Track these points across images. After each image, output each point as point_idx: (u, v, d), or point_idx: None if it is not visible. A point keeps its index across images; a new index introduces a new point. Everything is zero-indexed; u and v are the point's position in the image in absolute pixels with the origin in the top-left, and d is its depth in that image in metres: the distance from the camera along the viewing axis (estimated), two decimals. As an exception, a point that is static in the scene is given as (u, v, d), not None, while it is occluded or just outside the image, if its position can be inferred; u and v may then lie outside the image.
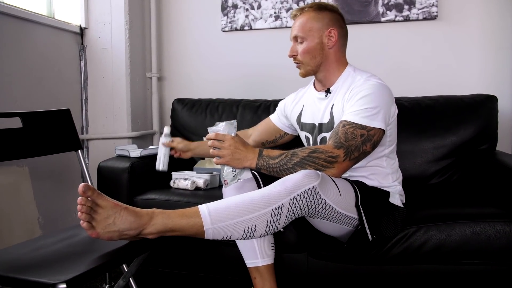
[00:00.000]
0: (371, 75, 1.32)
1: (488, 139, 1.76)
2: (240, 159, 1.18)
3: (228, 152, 1.18)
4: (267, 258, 1.30)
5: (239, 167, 1.19)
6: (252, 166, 1.19)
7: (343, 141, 1.16)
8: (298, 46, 1.36)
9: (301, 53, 1.34)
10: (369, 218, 1.20)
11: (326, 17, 1.34)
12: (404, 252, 1.29)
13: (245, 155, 1.18)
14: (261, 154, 1.19)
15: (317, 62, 1.35)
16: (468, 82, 2.02)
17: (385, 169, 1.33)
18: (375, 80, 1.27)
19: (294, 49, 1.37)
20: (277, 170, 1.17)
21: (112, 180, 1.63)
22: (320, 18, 1.34)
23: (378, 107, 1.20)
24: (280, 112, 1.60)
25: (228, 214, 1.04)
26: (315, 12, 1.34)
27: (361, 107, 1.20)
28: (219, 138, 1.19)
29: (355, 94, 1.24)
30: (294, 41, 1.38)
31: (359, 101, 1.22)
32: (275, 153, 1.19)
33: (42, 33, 1.91)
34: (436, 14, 2.00)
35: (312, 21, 1.33)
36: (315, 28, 1.33)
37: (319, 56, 1.34)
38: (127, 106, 2.18)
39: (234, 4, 2.25)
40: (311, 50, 1.33)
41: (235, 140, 1.19)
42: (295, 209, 1.08)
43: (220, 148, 1.18)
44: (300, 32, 1.34)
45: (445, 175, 1.76)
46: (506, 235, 1.24)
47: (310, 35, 1.33)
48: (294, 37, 1.36)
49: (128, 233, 0.98)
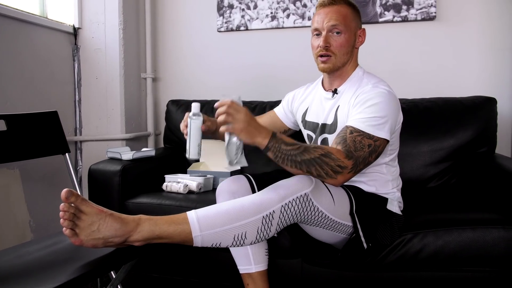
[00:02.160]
0: (380, 80, 1.28)
1: (487, 142, 1.73)
2: (253, 132, 1.06)
3: (244, 121, 1.05)
4: (260, 264, 1.27)
5: (249, 140, 1.07)
6: (264, 143, 1.07)
7: (353, 151, 1.11)
8: (332, 37, 1.25)
9: (338, 45, 1.25)
10: (365, 226, 1.17)
11: (358, 16, 1.31)
12: (400, 259, 1.26)
13: (258, 130, 1.08)
14: (275, 136, 1.09)
15: (347, 58, 1.29)
16: (467, 83, 1.98)
17: (385, 176, 1.29)
18: (384, 88, 1.22)
19: (328, 39, 1.25)
20: (284, 158, 1.07)
21: (103, 184, 1.59)
22: (356, 16, 1.30)
23: (386, 117, 1.16)
24: (287, 105, 1.53)
25: (218, 221, 1.01)
26: (352, 9, 1.29)
27: (369, 115, 1.16)
28: (234, 106, 1.06)
29: (363, 101, 1.19)
30: (328, 31, 1.25)
31: (368, 109, 1.17)
32: (289, 140, 1.10)
33: (35, 33, 1.87)
34: (434, 14, 1.97)
35: (352, 16, 1.28)
36: (353, 24, 1.28)
37: (350, 53, 1.29)
38: (121, 107, 2.15)
39: (230, 4, 2.21)
40: (348, 45, 1.27)
41: (249, 114, 1.08)
42: (287, 216, 1.04)
43: (235, 115, 1.05)
44: (341, 24, 1.24)
45: (444, 179, 1.72)
46: (505, 242, 1.21)
47: (349, 29, 1.26)
48: (333, 26, 1.24)
49: (113, 240, 0.95)
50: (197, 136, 1.19)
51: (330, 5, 1.26)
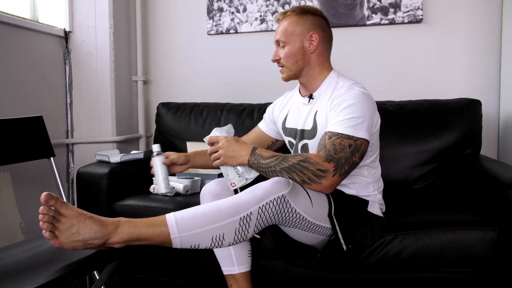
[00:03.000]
0: (355, 82, 1.30)
1: (472, 143, 1.74)
2: (234, 156, 1.20)
3: (222, 151, 1.21)
4: (243, 266, 1.29)
5: (234, 164, 1.21)
6: (245, 163, 1.20)
7: (333, 154, 1.13)
8: (280, 50, 1.35)
9: (284, 57, 1.33)
10: (344, 228, 1.19)
11: (308, 21, 1.32)
12: (381, 260, 1.28)
13: (238, 152, 1.20)
14: (254, 152, 1.20)
15: (299, 66, 1.33)
16: (453, 86, 2.00)
17: (366, 178, 1.31)
18: (358, 89, 1.25)
19: (277, 53, 1.36)
20: (265, 170, 1.17)
21: (91, 186, 1.61)
22: (302, 22, 1.32)
23: (363, 117, 1.18)
24: (268, 117, 1.57)
25: (196, 222, 1.03)
26: (297, 16, 1.33)
27: (345, 117, 1.18)
28: (213, 140, 1.25)
29: (338, 104, 1.22)
30: (276, 45, 1.36)
31: (344, 110, 1.19)
32: (268, 153, 1.19)
33: (26, 37, 1.89)
34: (421, 17, 1.99)
35: (294, 25, 1.32)
36: (297, 32, 1.31)
37: (301, 61, 1.32)
38: (112, 110, 2.17)
39: (220, 7, 2.23)
40: (293, 55, 1.32)
41: (228, 138, 1.23)
42: (264, 217, 1.06)
43: (217, 150, 1.23)
44: (282, 37, 1.32)
45: (429, 180, 1.74)
46: (482, 243, 1.23)
47: (291, 39, 1.31)
48: (277, 41, 1.35)
49: (93, 242, 0.97)
50: (163, 171, 1.36)
51: (279, 21, 1.36)
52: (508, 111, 1.83)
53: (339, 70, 1.39)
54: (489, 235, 1.24)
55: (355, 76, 2.09)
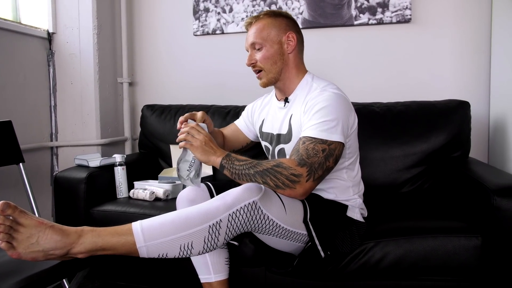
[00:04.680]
0: (328, 83, 1.26)
1: (461, 146, 1.70)
2: (208, 151, 1.17)
3: (201, 141, 1.17)
4: (220, 274, 1.25)
5: (203, 158, 1.16)
6: (217, 162, 1.16)
7: (306, 158, 1.10)
8: (256, 53, 1.31)
9: (261, 59, 1.29)
10: (321, 234, 1.15)
11: (283, 22, 1.30)
12: (361, 268, 1.23)
13: (214, 150, 1.17)
14: (229, 155, 1.17)
15: (278, 68, 1.29)
16: (442, 87, 1.96)
17: (345, 182, 1.27)
18: (331, 90, 1.21)
19: (252, 57, 1.32)
20: (238, 173, 1.13)
21: (68, 191, 1.57)
22: (277, 24, 1.29)
23: (336, 119, 1.15)
24: (247, 116, 1.54)
25: (163, 231, 0.99)
26: (271, 18, 1.30)
27: (318, 121, 1.15)
28: (198, 129, 1.20)
29: (311, 107, 1.19)
30: (251, 49, 1.32)
31: (316, 114, 1.16)
32: (242, 158, 1.16)
33: (8, 39, 1.86)
34: (410, 17, 1.94)
35: (270, 26, 1.29)
36: (273, 33, 1.28)
37: (279, 62, 1.29)
38: (96, 112, 2.13)
39: (206, 7, 2.19)
40: (272, 56, 1.29)
41: (210, 137, 1.20)
42: (235, 224, 1.02)
43: (195, 135, 1.18)
44: (258, 39, 1.29)
45: (417, 183, 1.70)
46: (466, 250, 1.18)
47: (268, 40, 1.28)
48: (252, 44, 1.31)
49: (54, 252, 0.93)
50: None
51: (250, 25, 1.32)
52: (498, 112, 1.79)
53: (326, 72, 1.36)
54: (473, 242, 1.19)
55: (343, 77, 2.08)
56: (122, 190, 1.66)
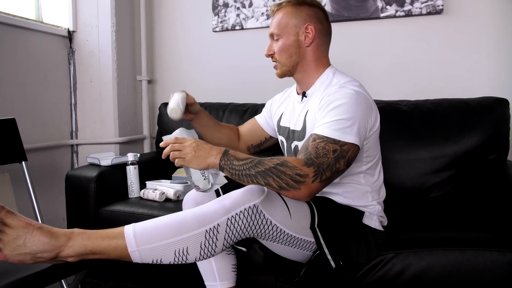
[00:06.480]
0: (350, 80, 1.16)
1: (498, 147, 1.54)
2: (203, 156, 1.05)
3: (190, 149, 1.05)
4: (226, 281, 1.18)
5: (202, 165, 1.05)
6: (216, 163, 1.04)
7: (314, 158, 1.00)
8: (274, 44, 1.23)
9: (277, 51, 1.22)
10: (331, 242, 1.04)
11: (304, 12, 1.20)
12: (379, 280, 1.12)
13: (208, 152, 1.05)
14: (227, 153, 1.05)
15: (293, 61, 1.21)
16: (476, 83, 1.79)
17: (363, 187, 1.16)
18: (351, 87, 1.10)
19: (271, 47, 1.25)
20: (238, 173, 1.02)
21: (79, 190, 1.55)
22: (297, 14, 1.20)
23: (353, 119, 1.04)
24: (267, 111, 1.47)
25: (156, 235, 0.92)
26: (292, 7, 1.21)
27: (332, 119, 1.04)
28: (179, 141, 1.08)
29: (327, 103, 1.09)
30: (271, 39, 1.25)
31: (331, 111, 1.06)
32: (242, 155, 1.04)
33: (31, 38, 1.87)
34: (441, 7, 1.79)
35: (289, 16, 1.20)
36: (291, 24, 1.19)
37: (295, 55, 1.20)
38: (114, 110, 2.12)
39: (225, 2, 2.13)
40: (287, 48, 1.20)
41: (197, 140, 1.08)
42: (234, 230, 0.94)
43: (181, 149, 1.07)
44: (276, 29, 1.21)
45: (446, 188, 1.55)
46: (499, 267, 1.04)
47: (285, 31, 1.20)
48: (271, 34, 1.24)
49: (42, 255, 0.88)
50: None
51: (273, 13, 1.25)
52: (542, 111, 1.60)
53: (350, 68, 1.25)
54: (508, 258, 1.05)
55: (367, 74, 1.95)
56: (134, 190, 1.62)
